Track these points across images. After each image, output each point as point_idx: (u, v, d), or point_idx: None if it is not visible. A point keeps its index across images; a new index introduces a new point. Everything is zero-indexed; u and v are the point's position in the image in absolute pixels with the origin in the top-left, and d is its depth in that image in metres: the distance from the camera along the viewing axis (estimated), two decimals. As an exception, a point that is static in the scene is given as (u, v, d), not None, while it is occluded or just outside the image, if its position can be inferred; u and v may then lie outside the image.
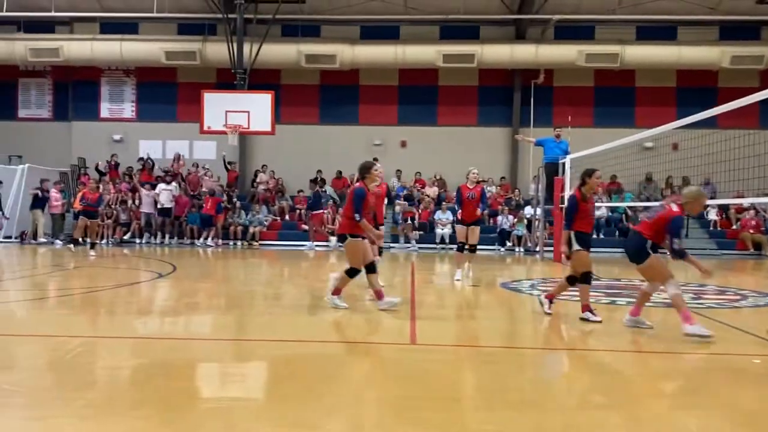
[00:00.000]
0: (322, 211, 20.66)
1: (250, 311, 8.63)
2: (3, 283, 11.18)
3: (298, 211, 22.04)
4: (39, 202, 20.35)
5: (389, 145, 23.86)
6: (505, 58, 22.50)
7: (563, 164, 16.12)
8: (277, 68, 23.18)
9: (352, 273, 7.96)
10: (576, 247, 7.42)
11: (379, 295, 8.01)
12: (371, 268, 8.01)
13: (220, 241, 20.55)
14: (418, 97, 23.79)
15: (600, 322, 7.27)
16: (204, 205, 20.88)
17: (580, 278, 7.46)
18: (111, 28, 23.20)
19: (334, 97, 23.90)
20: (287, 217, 22.17)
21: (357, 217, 7.77)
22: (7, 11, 21.37)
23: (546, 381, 5.36)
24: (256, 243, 20.51)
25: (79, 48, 22.48)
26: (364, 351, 6.19)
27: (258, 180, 23.14)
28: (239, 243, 20.54)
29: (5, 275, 12.40)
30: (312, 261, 16.51)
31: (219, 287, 11.11)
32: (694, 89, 22.89)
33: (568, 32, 22.81)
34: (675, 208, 6.62)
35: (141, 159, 23.06)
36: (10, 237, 20.45)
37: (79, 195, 16.44)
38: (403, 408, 4.37)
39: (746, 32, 22.82)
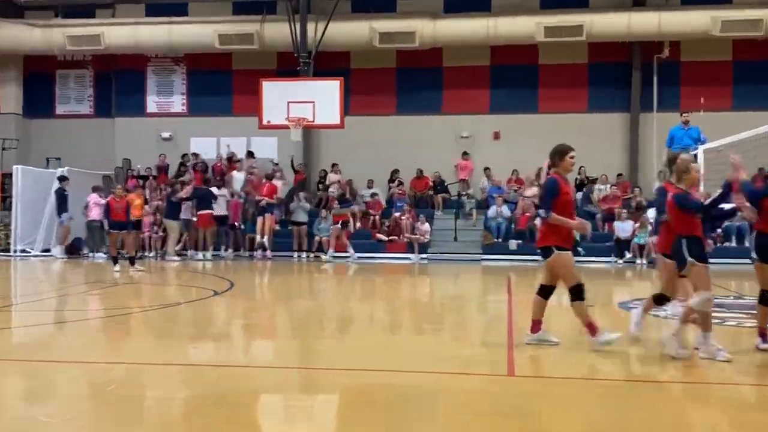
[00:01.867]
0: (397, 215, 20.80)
1: (317, 334, 8.71)
2: (40, 302, 11.72)
3: (371, 217, 22.15)
4: (61, 204, 20.74)
5: (479, 137, 23.67)
6: (620, 30, 21.96)
7: (695, 155, 15.60)
8: (346, 50, 23.40)
9: (578, 293, 7.25)
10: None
11: (592, 329, 7.30)
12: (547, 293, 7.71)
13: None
14: (514, 79, 23.50)
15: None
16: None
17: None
18: (157, 9, 24.00)
19: (413, 82, 23.91)
20: (359, 224, 22.29)
21: (542, 213, 7.53)
22: (43, -5, 22.55)
23: (681, 421, 5.16)
24: (324, 255, 20.69)
25: (122, 34, 23.36)
26: (453, 383, 6.14)
27: (328, 181, 23.27)
28: (303, 255, 20.73)
29: (44, 294, 13.00)
30: (409, 276, 16.58)
31: (283, 306, 11.29)
32: None
33: (699, -5, 22.10)
34: (670, 190, 7.19)
35: (186, 156, 23.56)
36: (48, 250, 21.36)
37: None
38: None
39: None
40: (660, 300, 7.72)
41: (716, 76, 22.69)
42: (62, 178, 21.02)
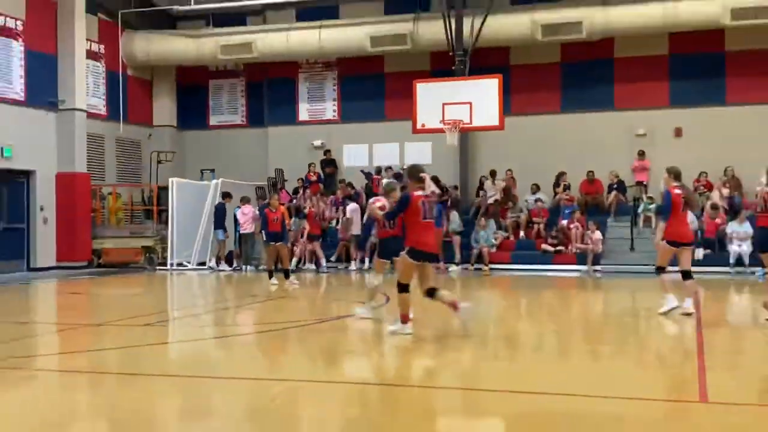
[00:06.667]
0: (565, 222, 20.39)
1: (482, 354, 8.70)
2: (196, 318, 12.37)
3: (535, 226, 21.83)
4: (220, 220, 21.83)
5: (658, 134, 22.82)
6: (825, 8, 20.61)
7: None
8: (506, 45, 23.25)
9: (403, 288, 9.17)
10: None
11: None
12: None
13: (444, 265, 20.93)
14: (697, 68, 22.51)
15: None
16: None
17: None
18: (308, 14, 24.85)
19: (580, 76, 23.43)
20: (522, 233, 22.04)
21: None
22: (195, 4, 23.76)
23: None
24: (485, 267, 20.61)
25: (274, 40, 24.34)
26: (636, 409, 5.96)
27: (484, 189, 23.21)
28: (455, 266, 20.68)
29: (197, 309, 13.71)
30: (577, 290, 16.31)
31: (441, 322, 11.33)
32: None
33: None
34: None
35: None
36: (204, 263, 22.49)
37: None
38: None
39: None
40: None
41: None
42: (225, 195, 22.10)
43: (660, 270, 11.08)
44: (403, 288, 9.15)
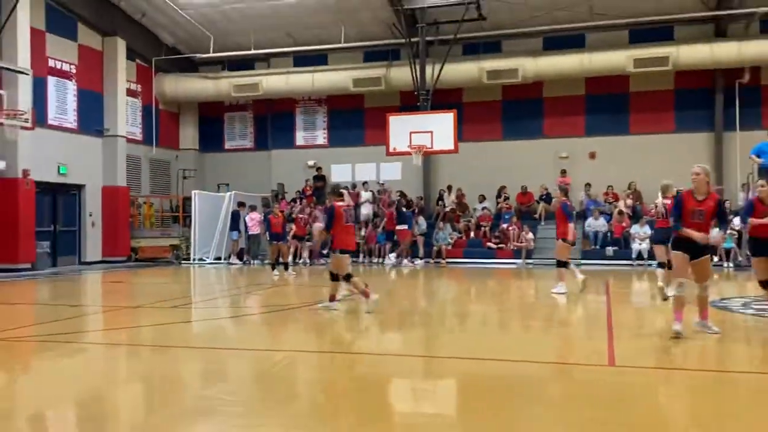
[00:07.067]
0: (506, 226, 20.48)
1: (441, 329, 8.75)
2: (212, 301, 12.33)
3: (482, 228, 21.97)
4: (235, 224, 22.15)
5: (576, 157, 23.03)
6: (704, 59, 20.88)
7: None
8: (459, 87, 23.35)
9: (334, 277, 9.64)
10: None
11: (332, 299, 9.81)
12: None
13: (407, 260, 21.00)
14: (607, 105, 22.77)
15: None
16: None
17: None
18: (303, 61, 24.82)
19: (517, 111, 23.59)
20: (472, 234, 22.18)
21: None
22: (213, 53, 23.75)
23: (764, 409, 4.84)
24: (443, 261, 20.73)
25: (276, 81, 24.31)
26: (559, 372, 6.02)
27: (443, 200, 23.35)
28: (420, 260, 20.81)
29: (214, 294, 13.66)
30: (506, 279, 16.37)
31: (411, 304, 11.39)
32: None
33: (778, 24, 20.71)
34: None
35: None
36: (220, 258, 22.45)
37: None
38: (604, 433, 4.18)
39: None
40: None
41: (796, 97, 21.20)
42: (241, 204, 22.13)
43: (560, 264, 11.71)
44: (334, 277, 9.71)
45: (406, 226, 21.01)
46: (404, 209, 21.36)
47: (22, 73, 18.09)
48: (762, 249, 7.67)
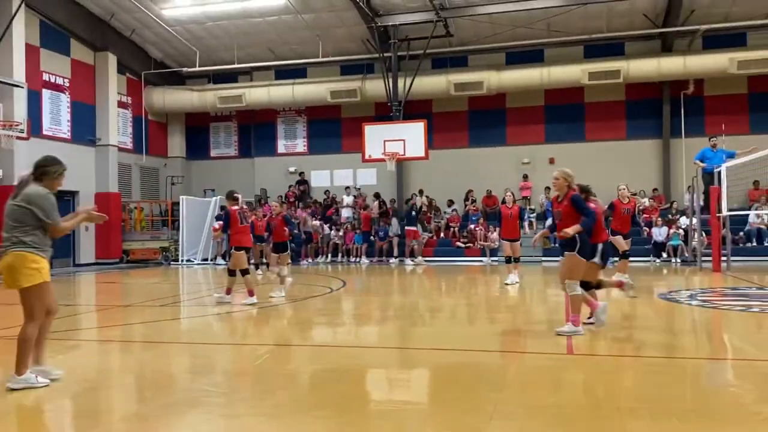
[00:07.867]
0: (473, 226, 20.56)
1: (414, 322, 8.76)
2: (200, 299, 12.21)
3: (451, 229, 22.07)
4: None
5: (537, 162, 23.28)
6: (652, 72, 21.24)
7: (719, 173, 14.93)
8: (429, 98, 23.47)
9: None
10: None
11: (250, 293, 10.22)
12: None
13: (377, 259, 21.01)
14: (564, 115, 23.05)
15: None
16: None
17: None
18: (284, 74, 24.73)
19: (483, 120, 23.77)
20: (442, 234, 22.27)
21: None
22: (199, 67, 23.56)
23: (710, 391, 4.94)
24: (415, 259, 20.76)
25: (259, 93, 24.17)
26: (522, 360, 6.07)
27: (413, 201, 23.39)
28: (395, 259, 20.86)
29: (201, 293, 13.53)
30: (475, 274, 16.44)
31: (385, 300, 11.38)
32: None
33: (718, 41, 21.10)
34: None
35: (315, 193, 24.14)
36: (207, 259, 22.26)
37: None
38: (563, 416, 4.22)
39: None
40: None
41: (735, 107, 21.63)
42: (224, 208, 21.83)
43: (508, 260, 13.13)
44: (244, 272, 10.22)
45: (414, 227, 21.00)
46: (413, 212, 21.23)
47: (17, 86, 17.85)
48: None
